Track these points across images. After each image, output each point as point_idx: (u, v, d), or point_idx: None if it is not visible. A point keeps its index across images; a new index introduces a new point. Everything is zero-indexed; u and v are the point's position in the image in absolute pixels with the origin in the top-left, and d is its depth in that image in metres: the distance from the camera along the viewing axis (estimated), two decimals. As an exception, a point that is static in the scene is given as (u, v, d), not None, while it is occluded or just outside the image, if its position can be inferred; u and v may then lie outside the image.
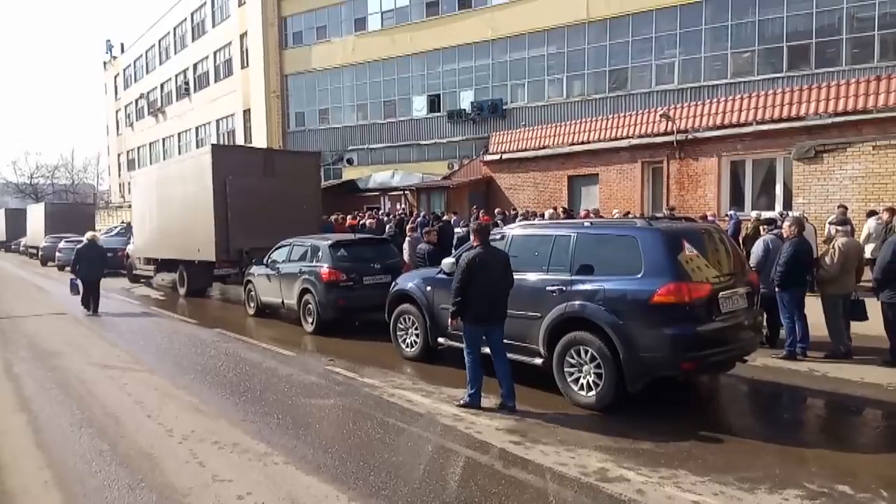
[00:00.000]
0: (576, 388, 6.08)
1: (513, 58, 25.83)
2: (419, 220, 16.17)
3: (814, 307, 7.66)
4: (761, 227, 8.55)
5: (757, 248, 8.01)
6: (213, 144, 18.15)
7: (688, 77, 21.80)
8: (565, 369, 6.15)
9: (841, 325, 7.34)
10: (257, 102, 34.01)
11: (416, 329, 7.96)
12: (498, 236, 7.38)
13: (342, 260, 10.10)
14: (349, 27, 30.78)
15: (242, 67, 35.17)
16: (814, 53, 19.45)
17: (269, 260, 11.54)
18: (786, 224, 7.67)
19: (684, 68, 21.96)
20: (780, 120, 14.77)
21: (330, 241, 10.45)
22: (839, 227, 7.58)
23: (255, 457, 4.99)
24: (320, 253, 10.30)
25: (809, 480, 4.31)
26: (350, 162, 30.92)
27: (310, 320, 10.22)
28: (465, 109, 26.77)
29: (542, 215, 15.39)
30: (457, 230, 13.59)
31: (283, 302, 11.08)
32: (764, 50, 20.41)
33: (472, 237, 6.28)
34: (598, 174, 18.94)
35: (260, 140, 33.08)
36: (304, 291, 10.27)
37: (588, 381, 6.00)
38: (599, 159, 18.79)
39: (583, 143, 19.33)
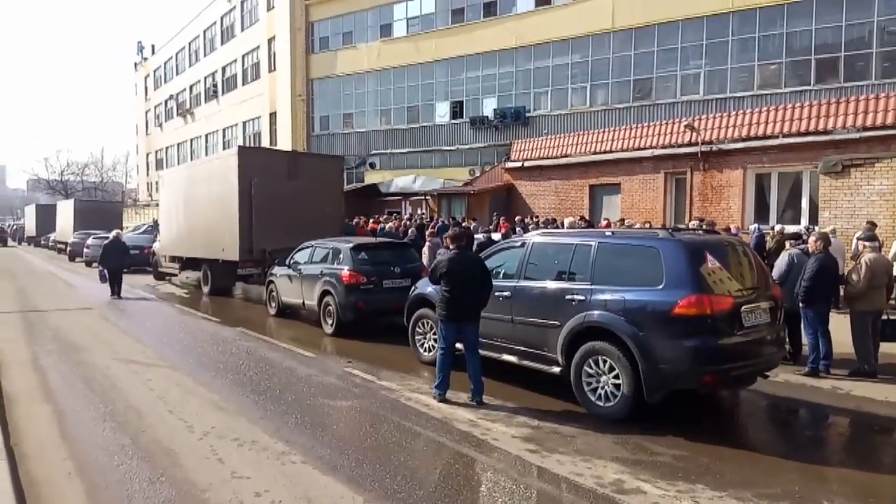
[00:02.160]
0: (593, 398, 6.05)
1: (537, 66, 25.84)
2: (439, 225, 16.22)
3: (838, 324, 7.52)
4: (787, 242, 8.42)
5: (781, 262, 7.91)
6: (239, 146, 18.41)
7: (713, 88, 21.60)
8: (583, 379, 6.12)
9: (868, 344, 7.20)
10: (283, 106, 34.47)
11: (434, 334, 7.98)
12: (518, 243, 7.40)
13: (363, 263, 10.18)
14: (375, 33, 31.08)
15: (270, 71, 35.69)
16: (842, 66, 19.14)
17: (292, 261, 11.67)
18: (812, 239, 7.55)
19: (710, 79, 21.77)
20: (807, 133, 14.56)
21: (351, 244, 10.54)
22: (866, 243, 7.44)
23: (273, 455, 5.05)
24: (341, 255, 10.39)
25: (829, 499, 4.25)
26: (372, 166, 31.15)
27: (329, 322, 10.31)
28: (487, 116, 26.83)
29: (562, 223, 15.34)
30: (477, 236, 13.60)
31: (303, 303, 11.20)
32: (791, 62, 20.15)
33: (446, 241, 6.47)
34: (619, 184, 18.84)
35: (285, 143, 33.51)
36: (324, 293, 10.36)
37: (606, 392, 5.97)
38: (622, 169, 18.69)
39: (605, 152, 19.24)
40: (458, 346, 7.50)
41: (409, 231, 15.55)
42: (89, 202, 41.48)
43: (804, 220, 14.16)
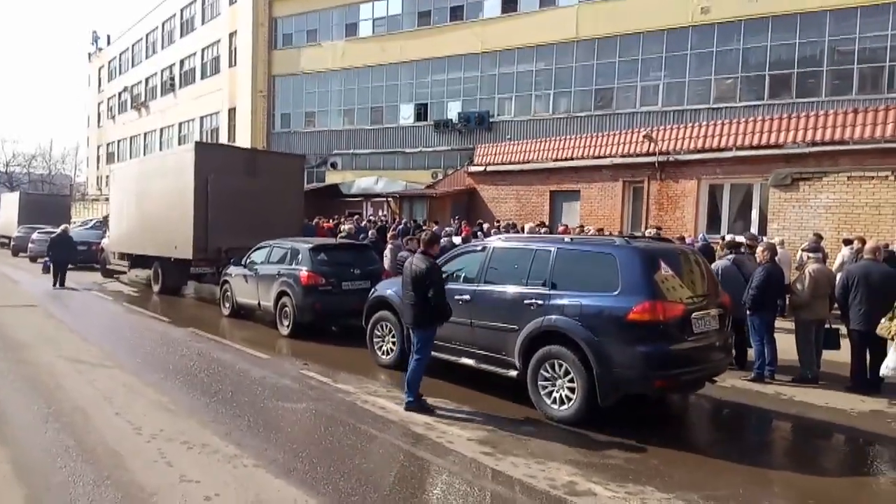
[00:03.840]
0: (549, 402, 6.13)
1: (501, 71, 26.07)
2: (401, 227, 16.18)
3: (783, 331, 7.82)
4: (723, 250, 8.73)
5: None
6: (196, 142, 17.98)
7: (671, 100, 22.19)
8: (539, 382, 6.20)
9: (811, 351, 7.50)
10: (243, 102, 33.83)
11: (392, 336, 7.96)
12: (479, 247, 7.45)
13: (322, 264, 10.07)
14: (340, 32, 30.82)
15: (230, 66, 34.98)
16: (795, 83, 19.95)
17: (248, 261, 11.46)
18: (759, 249, 7.84)
19: (668, 91, 22.36)
20: (759, 147, 15.11)
21: (310, 245, 10.42)
22: (811, 254, 7.76)
23: (224, 458, 4.94)
24: (300, 256, 10.26)
25: (771, 502, 4.40)
26: (334, 166, 30.85)
27: (286, 323, 10.16)
28: (451, 120, 26.92)
29: (523, 228, 15.51)
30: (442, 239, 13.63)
31: (259, 304, 11.00)
32: (746, 77, 20.88)
33: (424, 246, 6.40)
34: (580, 191, 19.15)
35: (244, 140, 32.88)
36: (281, 294, 10.21)
37: (561, 395, 6.05)
38: (582, 176, 19.00)
39: (566, 159, 19.53)
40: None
41: (370, 233, 15.43)
42: (36, 195, 39.83)
43: (753, 231, 14.66)
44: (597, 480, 4.67)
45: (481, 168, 21.99)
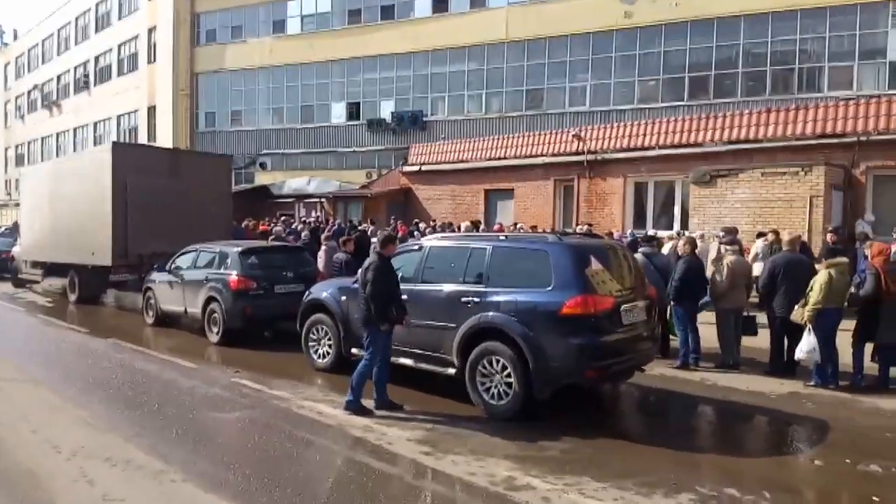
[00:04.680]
0: (487, 398, 6.17)
1: (434, 71, 26.12)
2: (335, 228, 15.91)
3: (706, 320, 8.20)
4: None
5: None
6: (114, 142, 17.08)
7: (598, 101, 22.90)
8: (477, 379, 6.22)
9: (731, 338, 7.90)
10: (164, 100, 32.35)
11: (329, 340, 7.79)
12: (416, 247, 7.41)
13: (252, 267, 9.75)
14: (267, 29, 29.97)
15: (149, 62, 33.37)
16: (712, 85, 21.01)
17: (173, 266, 10.95)
18: (680, 243, 8.23)
19: (595, 92, 23.06)
20: (680, 145, 15.83)
21: (240, 248, 10.06)
22: (728, 247, 8.19)
23: (149, 474, 4.68)
24: (229, 260, 9.90)
25: (701, 484, 4.59)
26: (263, 166, 29.99)
27: (215, 330, 9.77)
28: (385, 119, 26.74)
29: (459, 227, 15.58)
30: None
31: (185, 311, 10.53)
32: (668, 79, 21.82)
33: (379, 247, 6.32)
34: (513, 189, 19.46)
35: (165, 139, 31.44)
36: (209, 300, 9.81)
37: (499, 391, 6.10)
38: (515, 175, 19.31)
39: (500, 158, 19.80)
40: (355, 351, 7.43)
41: (302, 234, 15.08)
42: (-66, 200, 36.61)
43: (676, 226, 15.34)
44: (535, 474, 4.73)
45: (416, 168, 21.97)
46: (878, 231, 12.26)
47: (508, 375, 6.02)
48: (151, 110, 33.36)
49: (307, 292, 8.27)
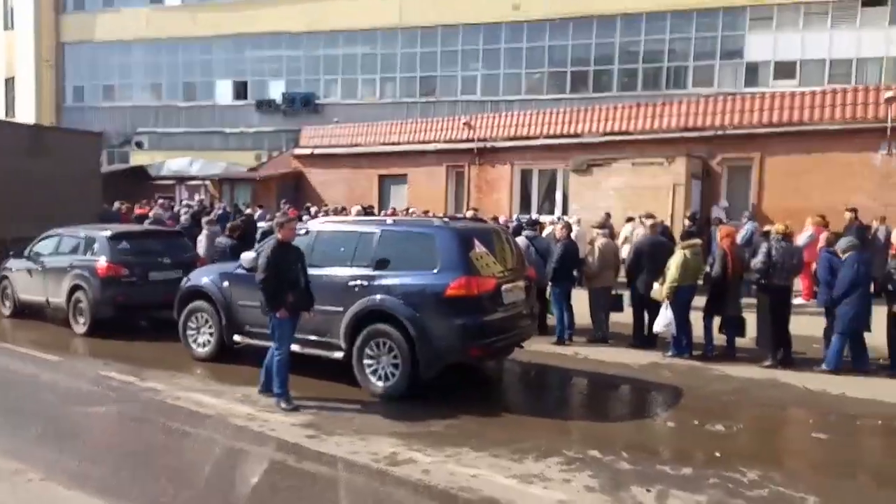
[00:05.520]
0: (374, 379, 6.24)
1: (326, 53, 25.58)
2: (220, 213, 15.20)
3: (579, 298, 8.79)
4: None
5: None
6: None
7: (488, 91, 23.55)
8: (364, 361, 6.28)
9: (601, 315, 8.53)
10: (24, 71, 29.18)
11: (209, 327, 7.48)
12: (302, 231, 7.29)
13: (124, 253, 9.09)
14: (143, -2, 27.88)
15: (6, 28, 29.92)
16: (591, 79, 22.28)
17: (32, 252, 9.98)
18: (558, 227, 8.78)
19: (485, 82, 23.69)
20: (562, 136, 16.77)
21: (109, 233, 9.36)
22: (599, 231, 8.82)
23: (4, 476, 4.32)
24: (96, 245, 9.17)
25: (568, 448, 4.95)
26: (140, 145, 27.98)
27: (81, 321, 9.04)
28: (275, 100, 25.85)
29: (350, 211, 15.45)
30: (261, 224, 13.03)
31: (48, 300, 9.65)
32: (552, 73, 22.87)
33: (277, 230, 6.14)
34: (407, 175, 19.58)
35: (27, 114, 28.41)
36: (75, 288, 9.05)
37: (386, 372, 6.20)
38: (408, 161, 19.43)
39: (394, 143, 19.84)
40: (237, 338, 7.21)
41: (182, 218, 14.27)
42: None
43: (558, 211, 16.22)
44: (417, 448, 4.88)
45: (308, 151, 21.46)
46: (732, 216, 13.66)
47: (395, 357, 6.12)
48: (10, 82, 30.02)
49: (185, 278, 7.90)
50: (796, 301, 9.22)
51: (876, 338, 7.22)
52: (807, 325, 8.13)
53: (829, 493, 4.28)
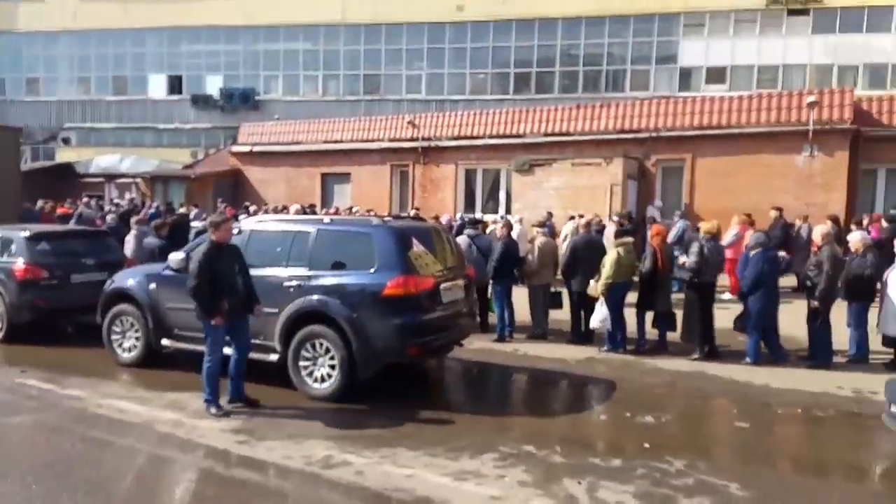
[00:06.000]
0: (310, 382, 6.10)
1: (266, 48, 24.98)
2: (151, 212, 14.57)
3: (519, 296, 8.88)
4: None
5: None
6: None
7: (433, 90, 23.57)
8: (300, 363, 6.13)
9: (540, 311, 8.65)
10: (-66, 59, 27.22)
11: (136, 331, 7.14)
12: (236, 230, 7.06)
13: (44, 254, 8.58)
14: (70, -14, 26.47)
15: (-88, 13, 27.81)
16: (534, 81, 22.62)
17: (-59, 254, 9.29)
18: (498, 226, 8.84)
19: (430, 81, 23.69)
20: (506, 136, 16.97)
21: (27, 233, 8.82)
22: (539, 230, 8.95)
23: None
24: (14, 246, 8.61)
25: (504, 444, 4.98)
26: (66, 141, 26.58)
27: (-2, 326, 8.49)
28: (212, 95, 25.06)
29: (290, 211, 15.12)
30: (195, 224, 12.56)
31: (-41, 306, 9.01)
32: (496, 74, 23.10)
33: (211, 231, 5.84)
34: (350, 173, 19.35)
35: (-62, 107, 26.52)
36: (-10, 292, 8.49)
37: (323, 374, 6.07)
38: (352, 159, 19.21)
39: (337, 141, 19.57)
40: (166, 342, 6.92)
41: (108, 217, 13.59)
42: None
43: (501, 210, 16.37)
44: (352, 450, 4.80)
45: (247, 148, 20.90)
46: (665, 215, 14.13)
47: (332, 358, 6.00)
48: (-84, 71, 27.86)
49: (109, 280, 7.52)
50: (724, 297, 9.63)
51: (797, 329, 7.61)
52: (732, 319, 8.47)
53: (750, 479, 4.45)
